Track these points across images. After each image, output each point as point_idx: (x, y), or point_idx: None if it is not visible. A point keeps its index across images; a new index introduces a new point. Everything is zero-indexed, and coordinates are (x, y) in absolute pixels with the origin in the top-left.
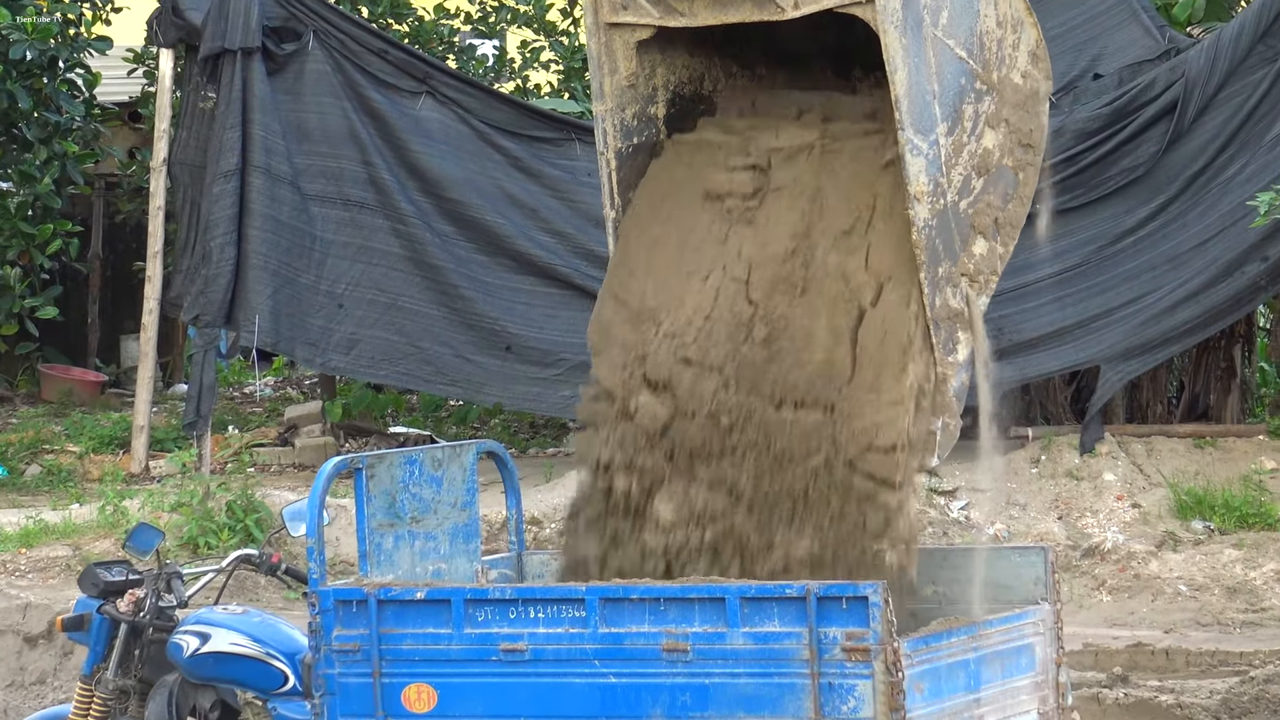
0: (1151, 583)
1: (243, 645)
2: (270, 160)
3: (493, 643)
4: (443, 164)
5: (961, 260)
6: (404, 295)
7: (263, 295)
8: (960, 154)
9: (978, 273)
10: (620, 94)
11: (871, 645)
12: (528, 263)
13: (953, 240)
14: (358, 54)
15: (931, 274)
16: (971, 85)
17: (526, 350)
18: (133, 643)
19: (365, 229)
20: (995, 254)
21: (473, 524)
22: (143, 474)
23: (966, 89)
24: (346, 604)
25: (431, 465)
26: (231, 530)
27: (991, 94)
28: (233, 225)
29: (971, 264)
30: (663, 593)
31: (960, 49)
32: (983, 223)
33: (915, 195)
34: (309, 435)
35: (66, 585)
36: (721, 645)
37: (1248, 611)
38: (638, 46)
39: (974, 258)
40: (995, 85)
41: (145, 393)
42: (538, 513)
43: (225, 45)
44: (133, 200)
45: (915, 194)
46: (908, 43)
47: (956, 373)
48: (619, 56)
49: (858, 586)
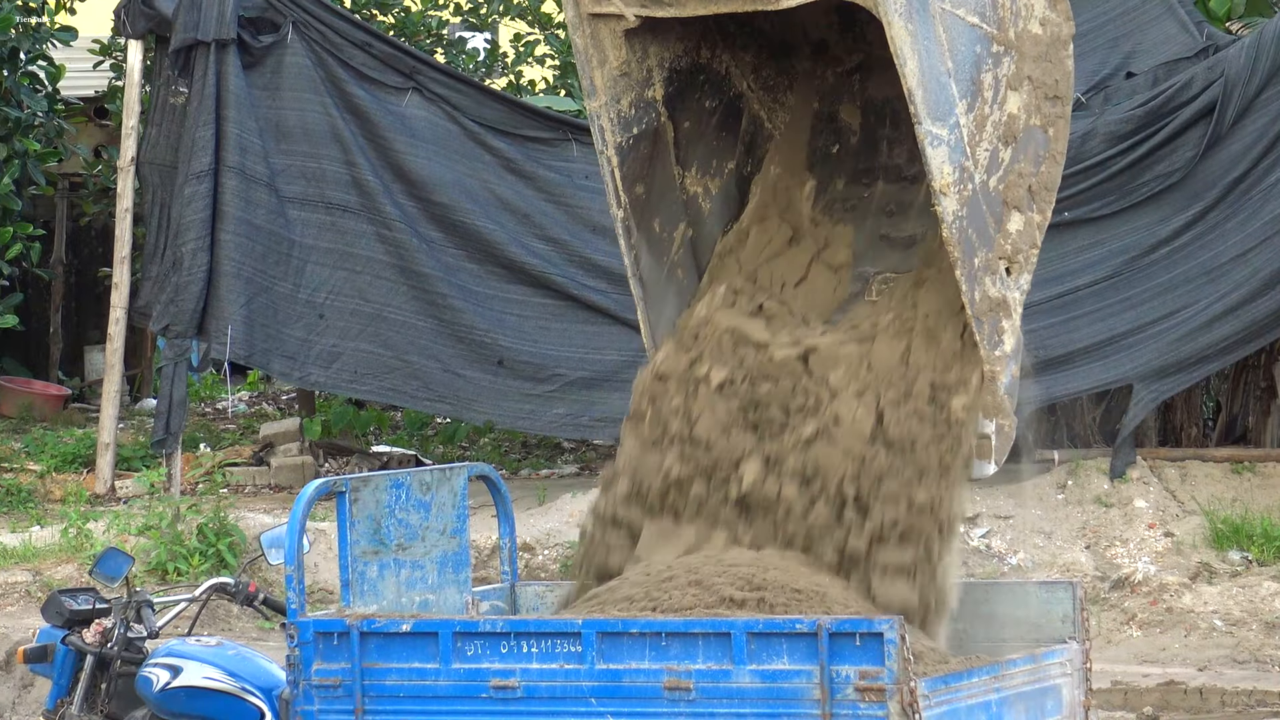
0: (1185, 617)
1: (217, 680)
2: (245, 160)
3: (483, 679)
4: (430, 165)
5: (998, 243)
6: (389, 305)
7: (237, 304)
8: (984, 128)
9: (1016, 252)
10: (613, 85)
11: (887, 685)
12: (520, 271)
13: (986, 224)
14: (340, 47)
15: (968, 267)
16: (988, 50)
17: (519, 365)
18: (99, 676)
19: (347, 234)
20: (1033, 225)
21: (462, 552)
22: (108, 495)
23: (983, 56)
24: (327, 636)
25: (419, 489)
26: (203, 555)
27: (1010, 53)
28: (205, 229)
29: (1009, 244)
30: (664, 627)
31: (971, 15)
32: (1016, 195)
33: (940, 190)
34: (286, 454)
35: (27, 613)
36: (727, 684)
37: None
38: (625, 34)
39: (1010, 236)
40: (1013, 43)
41: (111, 408)
42: (530, 538)
43: (198, 36)
44: (98, 202)
45: (940, 188)
46: (915, 27)
47: (1005, 368)
48: (607, 46)
49: (872, 622)
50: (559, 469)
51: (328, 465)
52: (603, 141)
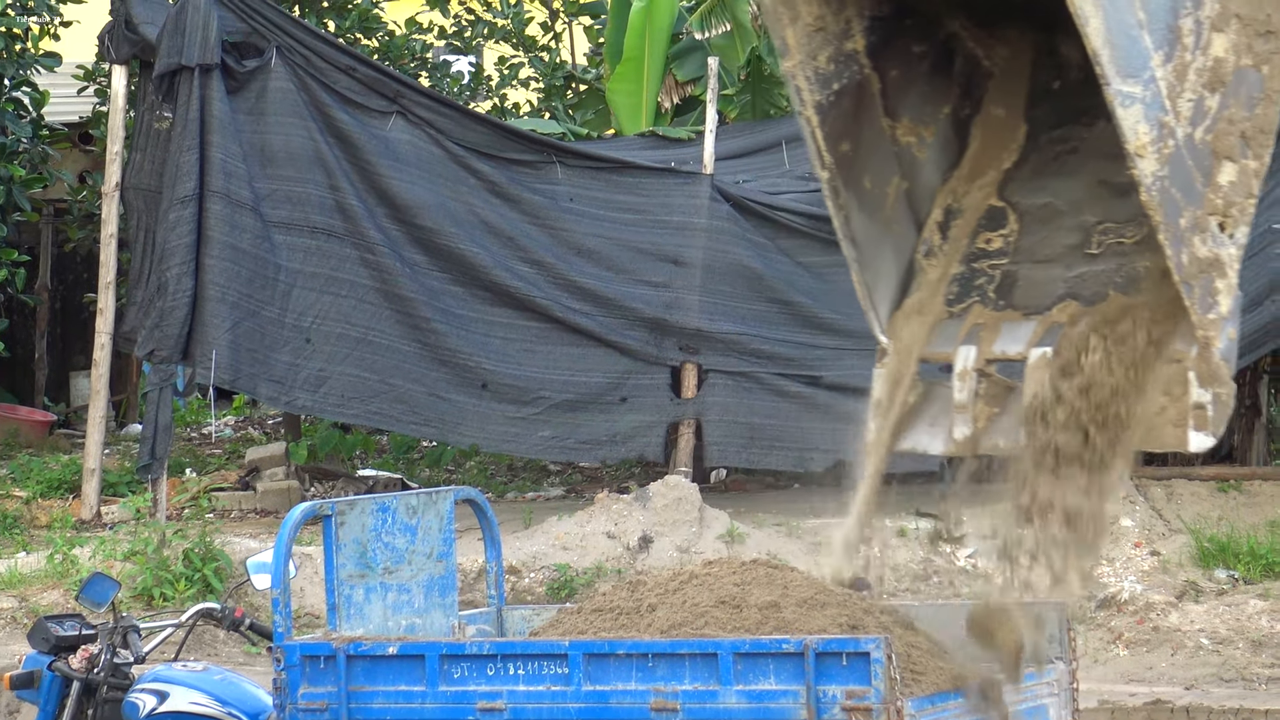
0: (1171, 636)
1: (203, 705)
2: (230, 184)
3: (469, 701)
4: (414, 189)
5: (1208, 198)
6: (374, 329)
7: (222, 329)
8: (1185, 78)
9: (1229, 205)
10: (808, 41)
11: (874, 705)
12: (505, 295)
13: (1192, 181)
14: (324, 71)
15: (1172, 230)
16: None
17: (504, 388)
18: (86, 702)
19: (332, 258)
20: (1248, 173)
21: (449, 576)
22: (94, 520)
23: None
24: (314, 660)
25: (406, 513)
26: (189, 580)
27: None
28: (190, 254)
29: (1220, 198)
30: (651, 648)
31: None
32: (1226, 145)
33: (1136, 151)
34: (272, 479)
35: (13, 639)
36: (714, 704)
37: (1274, 666)
38: None
39: (1222, 190)
40: None
41: (97, 433)
42: (516, 561)
43: (182, 61)
44: (83, 227)
45: (1135, 150)
46: None
47: (1220, 331)
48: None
49: (859, 641)
50: (545, 491)
51: (314, 489)
52: (800, 101)
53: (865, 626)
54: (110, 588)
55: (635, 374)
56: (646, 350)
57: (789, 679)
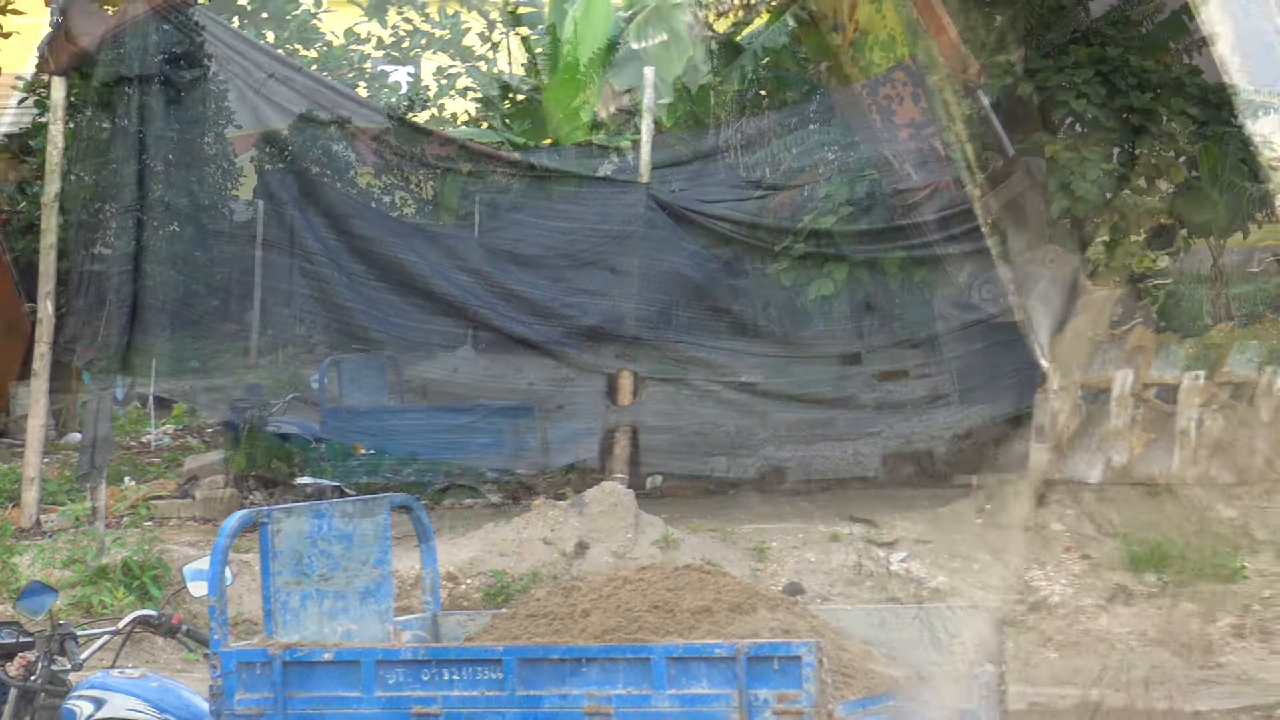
0: (1102, 639)
1: (140, 711)
2: (169, 194)
3: (405, 706)
4: (353, 199)
5: None
6: (313, 339)
7: (162, 338)
8: None
9: None
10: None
11: (805, 708)
12: (443, 303)
13: None
14: (262, 82)
15: None
16: None
17: (441, 395)
18: (23, 709)
19: (271, 268)
20: None
21: (385, 582)
22: (33, 528)
23: None
24: (250, 666)
25: (342, 520)
26: (127, 588)
27: None
28: (129, 264)
29: None
30: (584, 653)
31: None
32: None
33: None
34: (210, 487)
35: None
36: (646, 708)
37: (1204, 669)
38: None
39: None
40: None
41: (36, 442)
42: (453, 567)
43: (122, 72)
44: (24, 238)
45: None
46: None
47: None
48: None
49: (790, 645)
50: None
51: (252, 497)
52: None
53: (797, 631)
54: (48, 596)
55: (572, 381)
56: (583, 358)
57: (721, 683)
